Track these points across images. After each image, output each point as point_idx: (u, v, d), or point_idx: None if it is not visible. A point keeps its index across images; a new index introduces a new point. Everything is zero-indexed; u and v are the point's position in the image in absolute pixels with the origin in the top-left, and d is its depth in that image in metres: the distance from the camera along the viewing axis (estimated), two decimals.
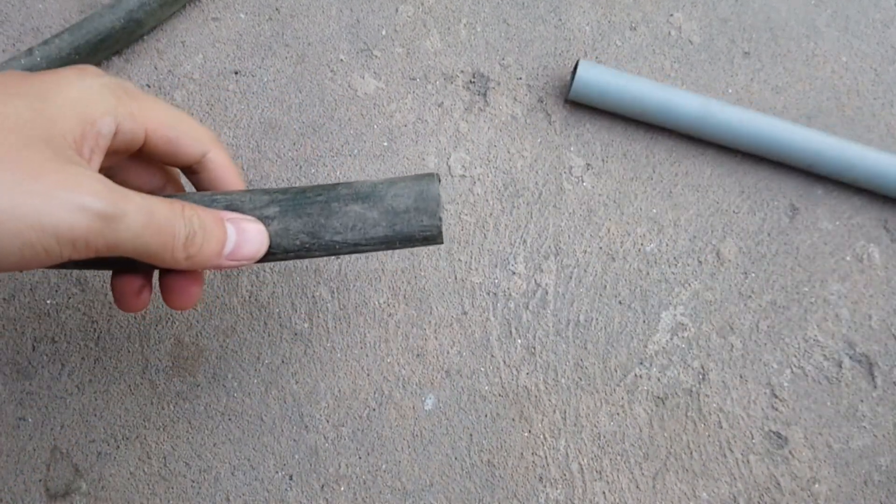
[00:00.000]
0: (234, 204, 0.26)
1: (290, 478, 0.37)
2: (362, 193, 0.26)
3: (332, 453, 0.37)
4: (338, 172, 0.40)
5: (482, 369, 0.38)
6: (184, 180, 0.33)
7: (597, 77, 0.39)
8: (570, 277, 0.39)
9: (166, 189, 0.30)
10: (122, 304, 0.28)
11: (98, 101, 0.23)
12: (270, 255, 0.26)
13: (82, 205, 0.20)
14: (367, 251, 0.27)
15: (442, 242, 0.28)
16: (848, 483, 0.37)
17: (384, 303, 0.38)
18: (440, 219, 0.26)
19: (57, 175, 0.20)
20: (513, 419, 0.37)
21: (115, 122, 0.24)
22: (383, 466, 0.37)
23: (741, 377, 0.38)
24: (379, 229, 0.26)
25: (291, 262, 0.38)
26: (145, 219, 0.22)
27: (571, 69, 0.41)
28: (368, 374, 0.38)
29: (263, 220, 0.26)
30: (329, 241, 0.26)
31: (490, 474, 0.37)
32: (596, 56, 0.42)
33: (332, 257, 0.28)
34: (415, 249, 0.39)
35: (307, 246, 0.26)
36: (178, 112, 0.27)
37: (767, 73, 0.42)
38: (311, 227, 0.26)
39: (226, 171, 0.29)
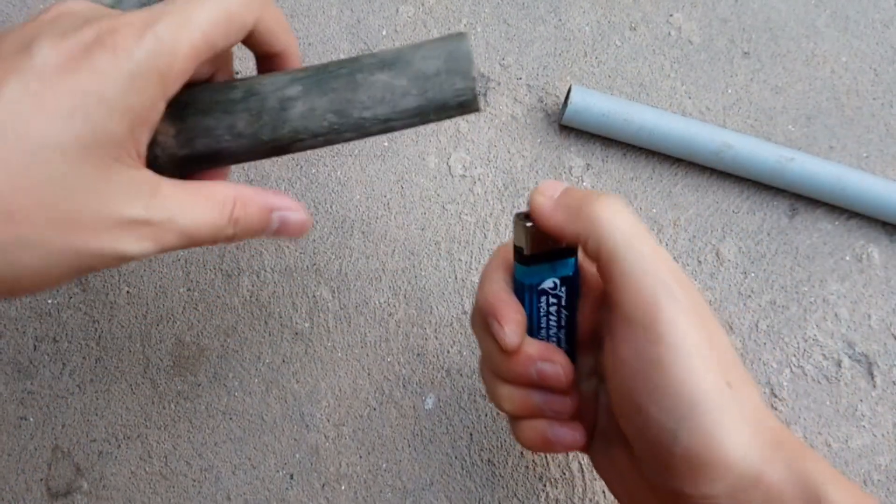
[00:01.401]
0: (253, 89, 0.25)
1: (291, 477, 0.37)
2: (388, 60, 0.24)
3: (333, 452, 0.37)
4: (338, 172, 0.40)
5: None
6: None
7: (590, 105, 0.38)
8: None
9: (216, 77, 0.28)
10: None
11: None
12: (299, 142, 0.25)
13: (122, 254, 0.21)
14: (399, 127, 0.25)
15: (479, 109, 0.25)
16: None
17: (385, 302, 0.38)
18: (474, 79, 0.24)
19: (95, 229, 0.20)
20: None
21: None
22: (384, 465, 0.37)
23: None
24: (410, 99, 0.24)
25: (292, 261, 0.38)
26: (189, 241, 0.23)
27: (565, 93, 0.41)
28: (369, 374, 0.38)
29: (286, 101, 0.24)
30: (358, 118, 0.24)
31: (490, 473, 0.37)
32: (596, 56, 0.42)
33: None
34: (415, 250, 0.39)
35: (335, 127, 0.25)
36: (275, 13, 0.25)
37: (767, 74, 0.42)
38: (338, 104, 0.24)
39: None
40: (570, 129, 0.41)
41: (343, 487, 0.37)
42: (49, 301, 0.38)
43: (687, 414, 0.21)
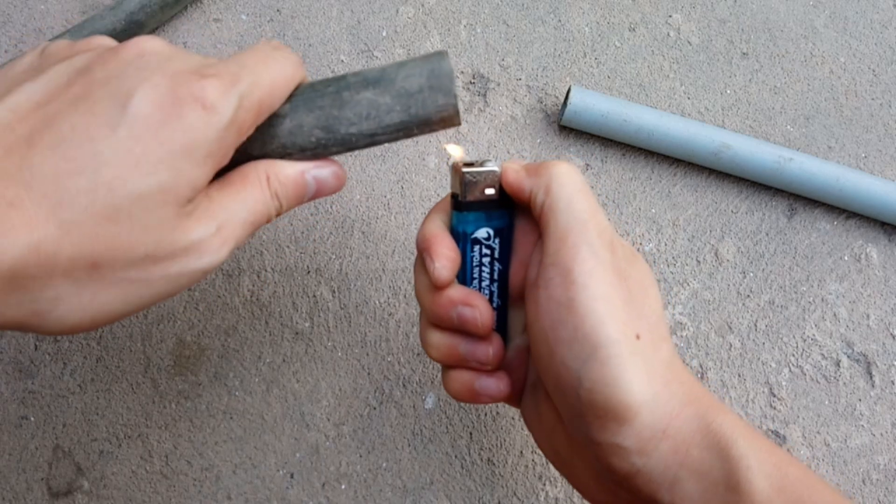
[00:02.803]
0: None
1: (292, 476, 0.37)
2: (372, 79, 0.25)
3: (333, 452, 0.37)
4: None
5: None
6: None
7: (589, 106, 0.39)
8: None
9: None
10: None
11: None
12: (287, 156, 0.26)
13: (206, 269, 0.23)
14: (384, 141, 0.26)
15: (459, 124, 0.26)
16: (846, 482, 0.37)
17: (385, 302, 0.39)
18: (456, 96, 0.25)
19: (174, 258, 0.22)
20: (512, 417, 0.37)
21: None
22: (384, 465, 0.37)
23: (739, 376, 0.39)
24: (394, 115, 0.25)
25: (293, 261, 0.39)
26: (251, 227, 0.24)
27: (565, 94, 0.41)
28: (369, 373, 0.38)
29: (274, 118, 0.25)
30: (344, 133, 0.26)
31: (490, 472, 0.37)
32: (595, 57, 0.42)
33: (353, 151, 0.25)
34: (414, 250, 0.39)
35: (323, 142, 0.26)
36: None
37: (766, 74, 0.42)
38: (325, 120, 0.25)
39: None
40: (569, 129, 0.41)
41: (343, 486, 0.37)
42: None
43: (590, 355, 0.22)
